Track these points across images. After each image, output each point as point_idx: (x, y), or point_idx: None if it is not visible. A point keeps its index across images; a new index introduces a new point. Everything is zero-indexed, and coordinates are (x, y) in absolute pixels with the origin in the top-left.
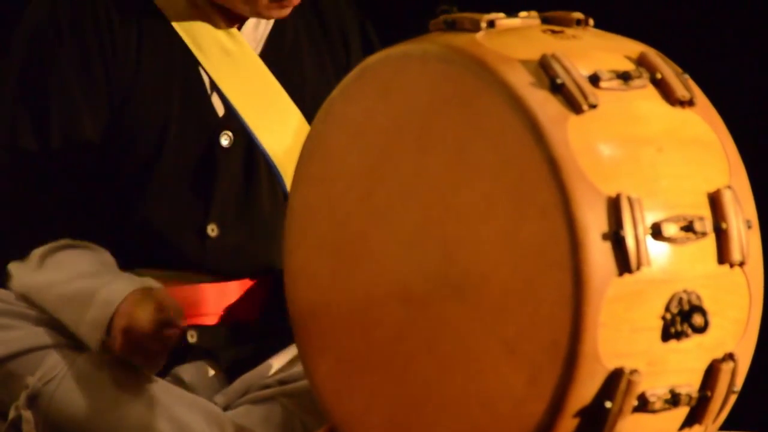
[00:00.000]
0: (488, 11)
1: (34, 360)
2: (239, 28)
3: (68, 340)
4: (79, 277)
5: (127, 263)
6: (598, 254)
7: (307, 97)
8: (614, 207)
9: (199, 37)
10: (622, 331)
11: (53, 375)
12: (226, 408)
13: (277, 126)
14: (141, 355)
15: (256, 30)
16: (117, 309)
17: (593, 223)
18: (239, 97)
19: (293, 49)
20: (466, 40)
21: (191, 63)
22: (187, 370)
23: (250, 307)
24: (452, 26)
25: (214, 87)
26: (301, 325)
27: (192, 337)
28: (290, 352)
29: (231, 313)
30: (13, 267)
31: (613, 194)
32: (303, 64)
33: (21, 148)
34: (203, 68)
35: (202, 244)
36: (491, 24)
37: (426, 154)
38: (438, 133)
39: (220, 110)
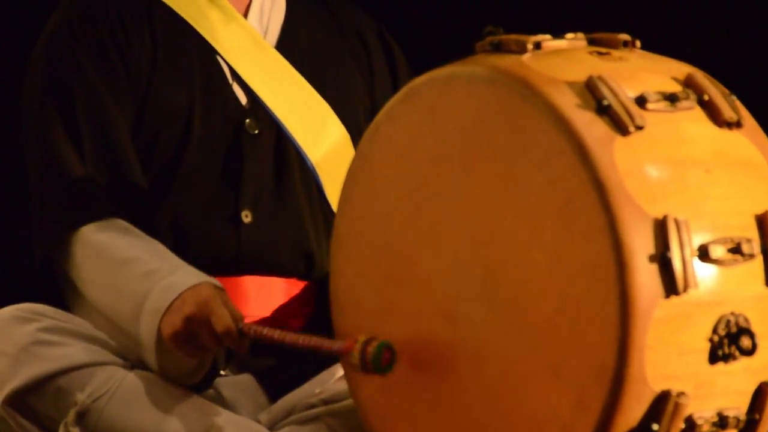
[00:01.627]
0: (535, 33)
1: (84, 377)
2: (245, 16)
3: (118, 357)
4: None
5: None
6: (645, 276)
7: (330, 86)
8: (661, 229)
9: (212, 27)
10: (669, 354)
11: (102, 392)
12: (270, 428)
13: (303, 113)
14: (192, 347)
15: (261, 20)
16: (181, 295)
17: (640, 245)
18: (261, 85)
19: (309, 42)
20: (513, 61)
21: (208, 53)
22: (228, 385)
23: (293, 310)
24: (498, 48)
25: (235, 76)
26: None
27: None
28: (336, 371)
29: (274, 316)
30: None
31: (660, 216)
32: (322, 56)
33: (52, 146)
34: (222, 57)
35: (237, 232)
36: (537, 46)
37: (472, 176)
38: (484, 155)
39: (243, 99)
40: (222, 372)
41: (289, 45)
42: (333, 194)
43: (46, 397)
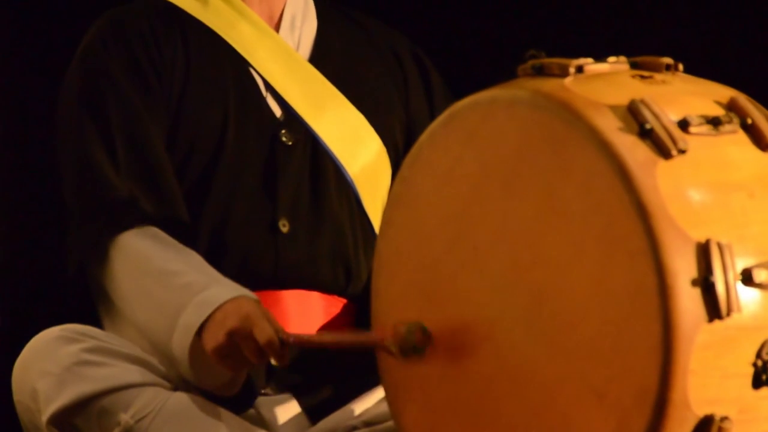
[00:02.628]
0: (577, 56)
1: (127, 397)
2: (276, 30)
3: (161, 379)
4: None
5: None
6: (688, 300)
7: (364, 99)
8: (704, 253)
9: (244, 40)
10: (712, 378)
11: (146, 413)
12: None
13: (339, 125)
14: (234, 360)
15: (292, 33)
16: (223, 308)
17: (683, 269)
18: (295, 97)
19: (342, 56)
20: (555, 85)
21: (242, 65)
22: (268, 405)
23: (334, 329)
24: (540, 71)
25: (269, 88)
26: (389, 368)
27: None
28: (376, 394)
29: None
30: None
31: (703, 240)
32: (355, 70)
33: (88, 156)
34: (255, 70)
35: (275, 241)
36: (580, 69)
37: (514, 199)
38: (526, 179)
39: (278, 111)
40: (262, 391)
41: (322, 58)
42: (370, 206)
43: (90, 417)
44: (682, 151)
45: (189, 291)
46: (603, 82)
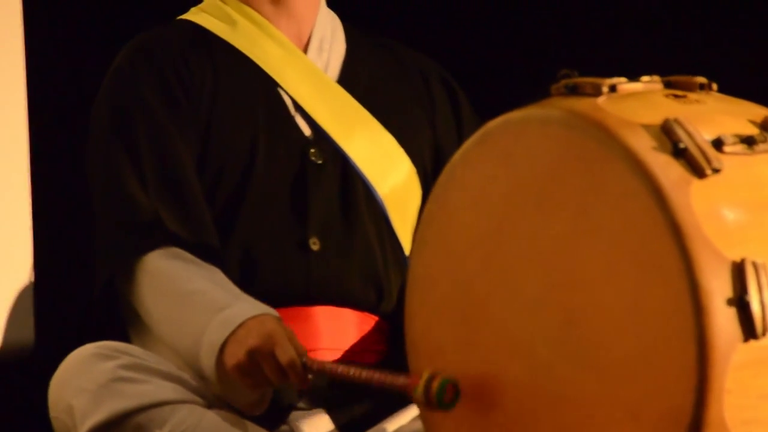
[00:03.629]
0: (610, 75)
1: (163, 414)
2: (304, 51)
3: (196, 396)
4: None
5: None
6: (723, 320)
7: (393, 120)
8: (739, 272)
9: (273, 61)
10: (749, 398)
11: (181, 430)
12: None
13: (368, 145)
14: (255, 379)
15: (321, 55)
16: (245, 325)
17: (717, 288)
18: (324, 117)
19: (371, 77)
20: (588, 104)
21: (270, 85)
22: (302, 421)
23: (366, 346)
24: (574, 91)
25: (298, 108)
26: None
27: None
28: (411, 411)
29: (346, 349)
30: (137, 267)
31: (738, 259)
32: (384, 91)
33: (116, 176)
34: (283, 90)
35: (306, 259)
36: (613, 88)
37: (547, 219)
38: (559, 198)
39: (306, 130)
40: (296, 405)
41: (350, 79)
42: (400, 226)
43: None
44: (716, 171)
45: (212, 309)
46: (636, 102)
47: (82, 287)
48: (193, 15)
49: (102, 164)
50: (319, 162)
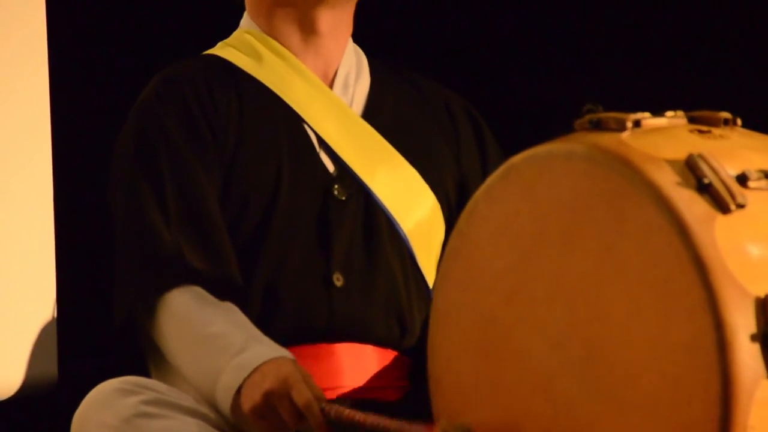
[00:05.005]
0: (634, 111)
1: None
2: (330, 87)
3: (218, 431)
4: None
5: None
6: (747, 356)
7: (417, 155)
8: (763, 308)
9: (298, 96)
10: None
11: None
12: None
13: (392, 181)
14: (271, 423)
15: (346, 90)
16: (260, 369)
17: (742, 324)
18: (348, 153)
19: (395, 112)
20: (612, 139)
21: (295, 121)
22: None
23: (388, 382)
24: (597, 126)
25: (322, 143)
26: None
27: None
28: None
29: (368, 386)
30: (157, 305)
31: (762, 295)
32: (408, 126)
33: (139, 211)
34: (308, 125)
35: (329, 295)
36: (637, 123)
37: (571, 254)
38: (583, 233)
39: (330, 166)
40: None
41: (375, 115)
42: (424, 262)
43: None
44: (740, 206)
45: (228, 353)
46: (660, 137)
47: (105, 322)
48: (220, 49)
49: (125, 197)
50: (343, 198)
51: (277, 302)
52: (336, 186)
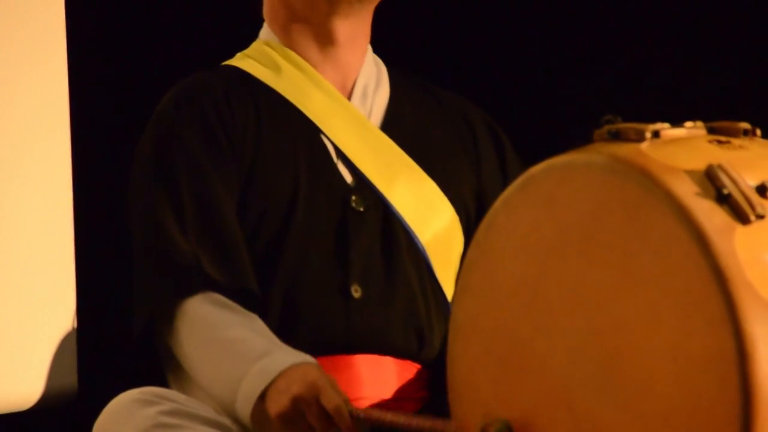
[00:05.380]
0: (653, 121)
1: None
2: (348, 98)
3: None
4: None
5: None
6: (767, 366)
7: (436, 167)
8: None
9: (316, 108)
10: None
11: None
12: None
13: (410, 193)
14: (298, 428)
15: (364, 102)
16: (285, 373)
17: (762, 334)
18: (366, 164)
19: (414, 124)
20: (631, 150)
21: (313, 132)
22: None
23: (408, 393)
24: (617, 136)
25: (340, 155)
26: None
27: None
28: None
29: (387, 397)
30: (176, 313)
31: None
32: (427, 138)
33: (157, 220)
34: (326, 137)
35: (347, 306)
36: (656, 134)
37: (590, 264)
38: (602, 244)
39: (348, 177)
40: None
41: (394, 126)
42: (442, 274)
43: None
44: (760, 217)
45: (249, 359)
46: (680, 147)
47: (125, 333)
48: (239, 60)
49: (143, 208)
50: (361, 209)
51: (296, 313)
52: (354, 197)
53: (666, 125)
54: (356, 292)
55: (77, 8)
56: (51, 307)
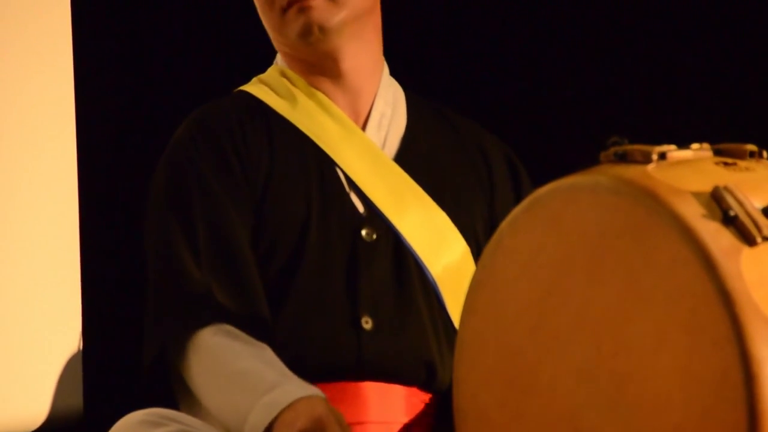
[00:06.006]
0: (659, 143)
1: None
2: (363, 127)
3: None
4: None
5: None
6: None
7: (449, 199)
8: None
9: (330, 139)
10: None
11: None
12: None
13: (422, 224)
14: None
15: (379, 131)
16: (293, 406)
17: None
18: (379, 195)
19: (429, 154)
20: (637, 172)
21: (326, 162)
22: None
23: (415, 419)
24: (623, 158)
25: (352, 185)
26: None
27: None
28: None
29: (394, 422)
30: (187, 343)
31: None
32: (441, 169)
33: (170, 249)
34: (339, 167)
35: (358, 338)
36: (662, 156)
37: (596, 286)
38: (608, 265)
39: (360, 208)
40: None
41: (408, 157)
42: (453, 306)
43: None
44: (766, 239)
45: (258, 391)
46: (686, 169)
47: (131, 354)
48: (254, 87)
49: (157, 237)
50: (372, 240)
51: (305, 343)
52: (365, 228)
53: (672, 147)
54: (366, 323)
55: (83, 13)
56: (57, 328)
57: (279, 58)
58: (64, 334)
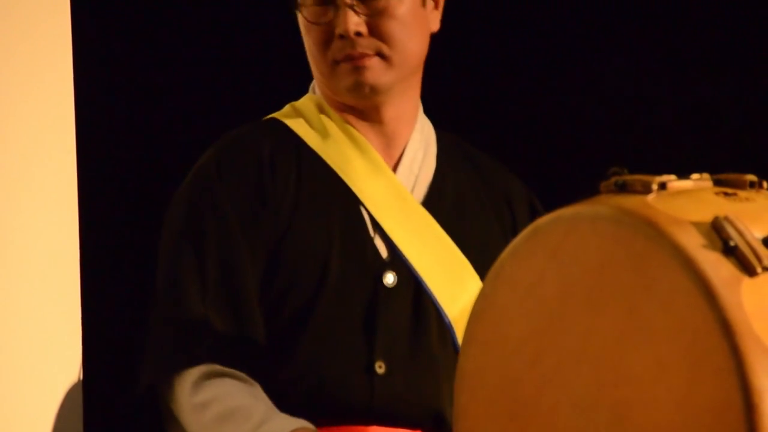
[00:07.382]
0: (660, 173)
1: None
2: (395, 170)
3: None
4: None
5: (290, 409)
6: None
7: (472, 247)
8: None
9: (358, 177)
10: None
11: None
12: None
13: (443, 270)
14: None
15: (410, 175)
16: None
17: None
18: (403, 239)
19: (456, 199)
20: (638, 202)
21: (352, 202)
22: None
23: None
24: (623, 188)
25: (377, 227)
26: None
27: None
28: None
29: None
30: (177, 381)
31: None
32: (466, 215)
33: (177, 281)
34: (365, 208)
35: (371, 382)
36: (663, 186)
37: (596, 316)
38: (608, 295)
39: (384, 251)
40: None
41: (435, 201)
42: None
43: None
44: (767, 269)
45: (248, 425)
46: (686, 199)
47: (131, 385)
48: (288, 117)
49: (167, 264)
50: (393, 285)
51: (317, 384)
52: (387, 272)
53: (672, 177)
54: (380, 368)
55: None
56: (57, 358)
57: (316, 87)
58: (63, 363)
